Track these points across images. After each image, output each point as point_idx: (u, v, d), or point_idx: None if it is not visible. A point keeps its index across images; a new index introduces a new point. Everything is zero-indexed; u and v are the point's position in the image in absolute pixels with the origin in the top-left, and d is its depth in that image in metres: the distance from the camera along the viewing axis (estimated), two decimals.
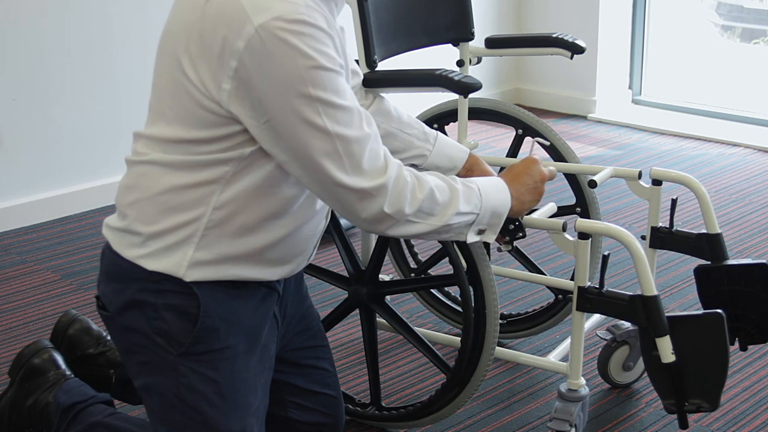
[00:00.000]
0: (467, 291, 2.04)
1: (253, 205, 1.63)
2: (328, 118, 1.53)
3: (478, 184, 1.74)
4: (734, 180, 4.05)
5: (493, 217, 1.76)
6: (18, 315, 2.92)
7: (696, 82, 5.50)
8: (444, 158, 2.04)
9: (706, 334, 1.94)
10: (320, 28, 1.51)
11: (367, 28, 2.17)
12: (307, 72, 1.50)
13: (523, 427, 2.33)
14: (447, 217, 1.68)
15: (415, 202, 1.63)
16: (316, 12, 1.52)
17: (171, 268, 1.64)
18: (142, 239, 1.65)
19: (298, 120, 1.52)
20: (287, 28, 1.48)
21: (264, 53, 1.49)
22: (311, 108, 1.52)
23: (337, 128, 1.54)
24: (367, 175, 1.58)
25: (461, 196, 1.69)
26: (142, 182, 1.65)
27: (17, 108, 3.53)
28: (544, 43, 2.54)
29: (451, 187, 1.70)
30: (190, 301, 1.65)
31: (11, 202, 3.58)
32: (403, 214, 1.63)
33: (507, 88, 5.18)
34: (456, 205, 1.68)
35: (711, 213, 2.23)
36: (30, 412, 2.01)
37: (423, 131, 2.04)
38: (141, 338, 1.68)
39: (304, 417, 1.90)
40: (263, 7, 1.49)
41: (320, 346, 1.95)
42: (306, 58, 1.49)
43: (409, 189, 1.63)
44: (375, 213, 1.61)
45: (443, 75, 2.08)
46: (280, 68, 1.49)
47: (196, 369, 1.66)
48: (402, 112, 2.04)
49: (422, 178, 1.66)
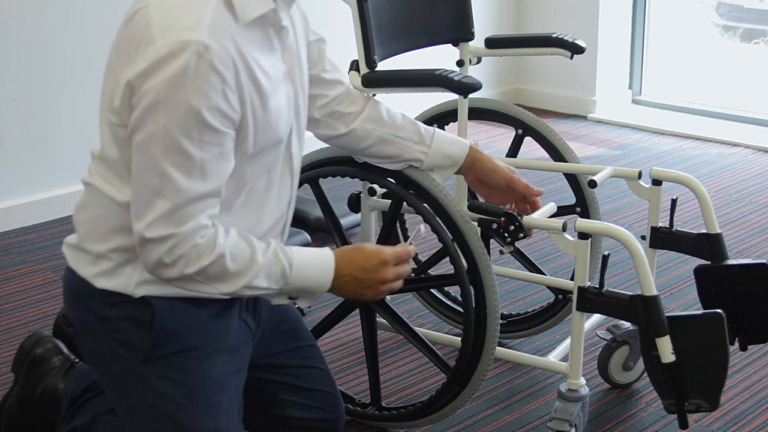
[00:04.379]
0: (468, 291, 2.04)
1: None
2: (166, 154, 1.51)
3: (294, 263, 1.65)
4: (734, 180, 4.05)
5: (304, 294, 1.71)
6: (18, 315, 2.92)
7: (696, 82, 5.50)
8: (442, 157, 2.03)
9: (706, 334, 1.94)
10: (213, 66, 1.49)
11: (366, 28, 2.16)
12: (173, 104, 1.49)
13: (523, 427, 2.33)
14: (237, 287, 1.62)
15: (197, 266, 1.57)
16: (220, 47, 1.50)
17: (120, 286, 1.67)
18: (93, 257, 1.69)
19: (148, 141, 1.52)
20: (181, 56, 1.47)
21: (152, 73, 1.49)
22: (158, 139, 1.51)
23: (169, 168, 1.52)
24: (162, 223, 1.55)
25: (261, 271, 1.62)
26: (91, 201, 1.69)
27: (17, 108, 3.53)
28: (544, 43, 2.53)
29: (252, 259, 1.62)
30: (144, 309, 1.67)
31: (11, 202, 3.58)
32: (183, 272, 1.58)
33: (507, 88, 5.18)
34: (250, 278, 1.61)
35: (711, 213, 2.23)
36: (41, 401, 2.02)
37: (418, 132, 2.01)
38: (105, 350, 1.71)
39: (303, 414, 1.90)
40: (168, 29, 1.49)
41: (306, 346, 1.95)
42: (180, 90, 1.48)
43: (196, 252, 1.57)
44: (154, 260, 1.57)
45: (443, 75, 2.08)
46: (159, 89, 1.49)
47: (160, 373, 1.68)
48: (396, 114, 2.02)
49: (218, 243, 1.58)
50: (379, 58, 2.19)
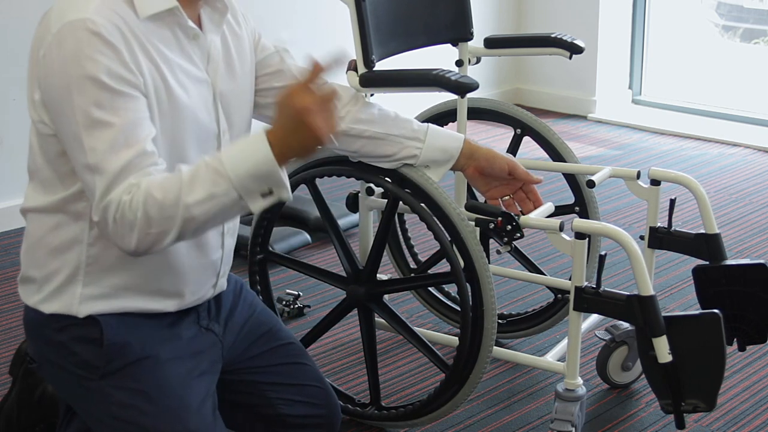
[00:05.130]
0: (464, 288, 2.04)
1: None
2: (85, 127, 1.54)
3: (223, 156, 1.54)
4: (734, 180, 4.05)
5: (259, 181, 1.54)
6: (18, 315, 2.92)
7: (696, 82, 5.50)
8: (438, 151, 2.02)
9: (703, 334, 1.94)
10: (102, 38, 1.53)
11: (364, 27, 2.16)
12: (76, 78, 1.53)
13: (523, 427, 2.34)
14: (182, 212, 1.51)
15: (136, 214, 1.52)
16: (106, 21, 1.54)
17: (64, 307, 1.70)
18: (37, 285, 1.72)
19: (67, 123, 1.56)
20: (70, 32, 1.53)
21: (52, 55, 1.55)
22: (74, 112, 1.54)
23: (97, 144, 1.54)
24: (95, 204, 1.57)
25: (193, 183, 1.52)
26: (29, 229, 1.75)
27: (17, 108, 3.53)
28: (542, 43, 2.53)
29: (179, 179, 1.53)
30: (92, 328, 1.69)
31: (11, 202, 3.58)
32: (137, 234, 1.53)
33: (507, 88, 5.18)
34: (184, 195, 1.51)
35: (709, 213, 2.23)
36: (39, 405, 2.02)
37: (411, 128, 2.01)
38: (66, 375, 1.74)
39: (295, 410, 1.90)
40: (60, 16, 1.55)
41: (286, 344, 1.95)
42: (77, 65, 1.53)
43: (129, 207, 1.53)
44: (117, 237, 1.55)
45: (440, 75, 2.08)
46: (59, 69, 1.54)
47: (119, 385, 1.70)
48: (389, 112, 2.01)
49: (141, 188, 1.53)
50: (378, 57, 2.19)
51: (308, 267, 2.36)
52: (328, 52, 1.55)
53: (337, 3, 2.21)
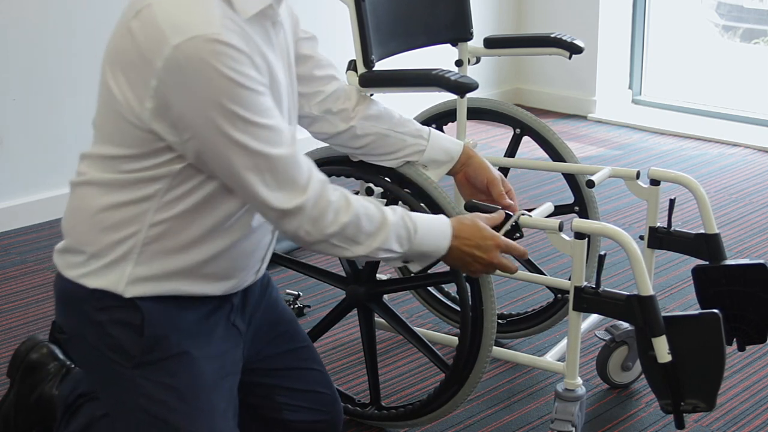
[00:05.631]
0: (464, 288, 2.04)
1: (190, 220, 1.65)
2: (250, 135, 1.55)
3: (418, 227, 1.74)
4: (734, 180, 4.05)
5: (421, 258, 1.80)
6: (18, 315, 2.92)
7: (696, 82, 5.50)
8: (440, 152, 2.04)
9: (703, 334, 1.94)
10: (235, 47, 1.53)
11: (364, 27, 2.17)
12: (225, 91, 1.52)
13: (523, 427, 2.34)
14: (371, 249, 1.70)
15: (337, 225, 1.65)
16: (233, 33, 1.53)
17: (111, 285, 1.67)
18: (84, 259, 1.68)
19: (221, 138, 1.55)
20: (203, 48, 1.50)
21: (181, 73, 1.52)
22: (232, 126, 1.54)
23: (259, 146, 1.56)
24: (285, 194, 1.60)
25: (392, 233, 1.71)
26: (81, 204, 1.69)
27: (17, 108, 3.53)
28: (542, 43, 2.53)
29: (383, 220, 1.70)
30: (132, 313, 1.67)
31: (11, 202, 3.58)
32: (324, 234, 1.65)
33: (507, 88, 5.18)
34: (383, 240, 1.70)
35: (709, 213, 2.23)
36: (37, 407, 2.02)
37: (416, 128, 2.03)
38: (96, 356, 1.71)
39: (299, 416, 1.90)
40: (180, 28, 1.51)
41: (301, 347, 1.95)
42: (223, 78, 1.51)
43: (333, 209, 1.64)
44: (294, 230, 1.64)
45: (439, 75, 2.08)
46: (198, 87, 1.52)
47: (153, 378, 1.68)
48: (393, 112, 2.03)
49: (352, 202, 1.66)
50: (377, 57, 2.20)
51: (308, 267, 2.36)
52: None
53: (337, 3, 2.21)
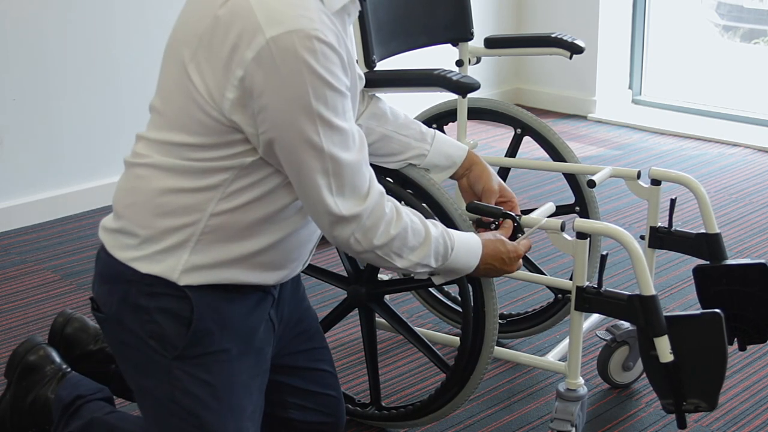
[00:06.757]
0: (466, 289, 2.04)
1: (251, 210, 1.64)
2: (326, 137, 1.55)
3: (456, 244, 1.78)
4: (734, 180, 4.05)
5: (449, 273, 1.85)
6: (18, 315, 2.92)
7: (696, 82, 5.50)
8: (443, 157, 2.04)
9: (704, 334, 1.94)
10: (332, 46, 1.52)
11: (365, 27, 2.17)
12: (313, 89, 1.51)
13: (523, 427, 2.33)
14: (412, 263, 1.73)
15: (385, 237, 1.66)
16: (328, 29, 1.52)
17: (165, 271, 1.64)
18: (138, 242, 1.65)
19: (298, 135, 1.54)
20: (300, 43, 1.49)
21: (273, 66, 1.49)
22: (312, 125, 1.53)
23: (332, 149, 1.56)
24: (346, 201, 1.60)
25: (432, 249, 1.74)
26: (140, 185, 1.65)
27: (17, 108, 3.53)
28: (543, 43, 2.54)
29: (427, 236, 1.73)
30: (183, 304, 1.65)
31: (11, 202, 3.58)
32: (372, 245, 1.66)
33: (507, 88, 5.18)
34: (424, 255, 1.74)
35: (710, 213, 2.23)
36: (31, 409, 2.01)
37: (420, 131, 2.03)
38: (135, 341, 1.68)
39: (305, 417, 1.90)
40: (277, 19, 1.49)
41: (319, 348, 1.95)
42: (314, 76, 1.50)
43: (385, 221, 1.66)
44: (345, 238, 1.65)
45: (441, 75, 2.08)
46: (287, 82, 1.50)
47: (190, 372, 1.66)
48: (399, 112, 2.03)
49: (402, 216, 1.68)
50: (378, 57, 2.20)
51: (309, 267, 2.35)
52: None
53: None
